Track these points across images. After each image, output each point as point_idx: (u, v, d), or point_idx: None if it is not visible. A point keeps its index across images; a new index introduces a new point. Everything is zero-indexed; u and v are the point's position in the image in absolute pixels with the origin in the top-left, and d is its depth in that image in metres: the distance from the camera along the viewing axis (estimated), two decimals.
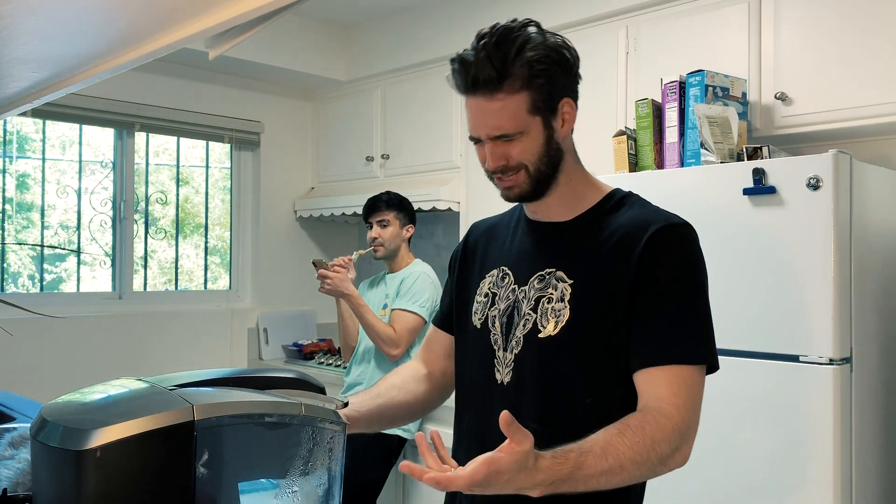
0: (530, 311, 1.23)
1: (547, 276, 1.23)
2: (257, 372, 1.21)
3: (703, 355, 1.16)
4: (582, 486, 1.02)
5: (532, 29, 1.18)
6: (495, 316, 1.28)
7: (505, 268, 1.30)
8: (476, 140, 1.22)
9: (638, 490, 1.24)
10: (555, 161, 1.22)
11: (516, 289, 1.26)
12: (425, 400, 1.41)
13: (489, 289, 1.31)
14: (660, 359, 1.13)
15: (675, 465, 1.10)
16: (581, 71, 1.25)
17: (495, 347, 1.27)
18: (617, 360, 1.17)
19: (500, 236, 1.37)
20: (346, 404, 1.20)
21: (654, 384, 1.13)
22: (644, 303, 1.15)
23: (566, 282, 1.21)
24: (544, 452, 1.00)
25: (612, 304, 1.17)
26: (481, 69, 1.15)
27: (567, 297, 1.19)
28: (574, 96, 1.23)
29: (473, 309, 1.33)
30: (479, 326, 1.31)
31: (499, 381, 1.25)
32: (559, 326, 1.19)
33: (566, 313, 1.19)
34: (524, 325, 1.23)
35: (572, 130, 1.26)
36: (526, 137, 1.19)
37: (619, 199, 1.27)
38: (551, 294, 1.21)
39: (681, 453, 1.10)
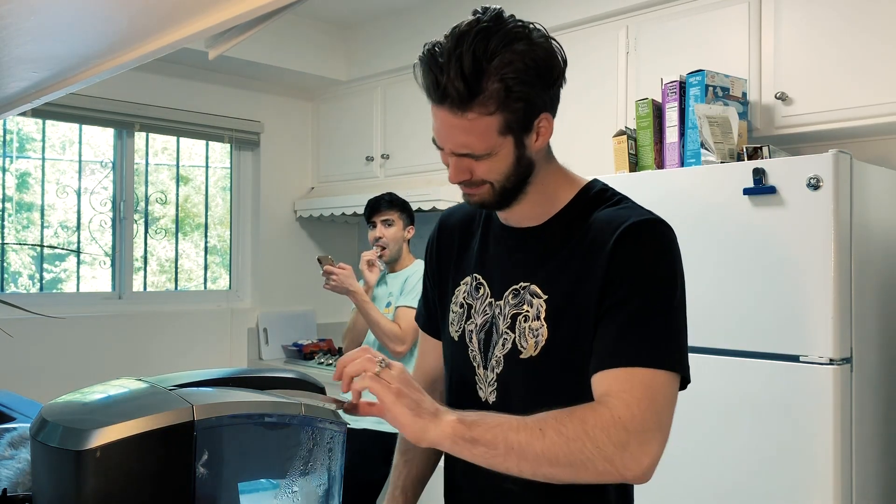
0: (507, 330, 1.16)
1: (521, 291, 1.16)
2: (257, 372, 1.21)
3: (665, 360, 1.02)
4: (500, 438, 0.96)
5: (517, 32, 1.03)
6: (472, 331, 1.21)
7: (479, 276, 1.23)
8: (440, 147, 1.13)
9: (619, 491, 1.18)
10: (523, 176, 1.12)
11: (493, 303, 1.19)
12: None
13: (464, 299, 1.24)
14: (614, 362, 1.02)
15: (626, 468, 0.96)
16: (581, 71, 1.18)
17: (475, 364, 1.21)
18: None
19: (472, 235, 1.28)
20: (344, 404, 1.19)
21: (617, 382, 1.01)
22: (607, 304, 1.06)
23: (541, 297, 1.13)
24: None
25: (586, 315, 1.09)
26: (452, 83, 1.01)
27: (543, 315, 1.12)
28: (554, 110, 1.11)
29: (450, 319, 1.26)
30: (455, 339, 1.25)
31: (483, 399, 1.20)
32: (539, 347, 1.12)
33: (544, 332, 1.12)
34: (503, 345, 1.16)
35: (550, 145, 1.17)
36: (494, 157, 1.08)
37: (591, 197, 1.17)
38: (527, 312, 1.14)
39: (631, 454, 0.96)
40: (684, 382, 1.06)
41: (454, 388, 1.27)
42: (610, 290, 1.07)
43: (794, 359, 1.91)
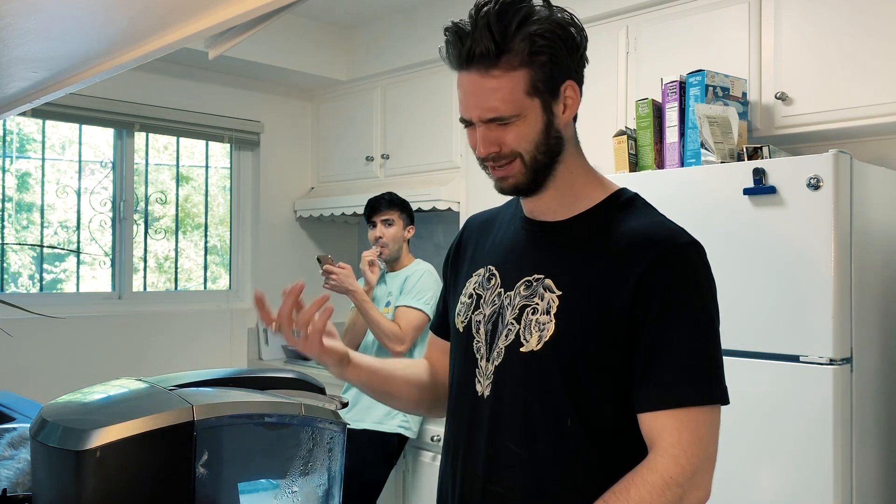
0: (514, 321, 1.14)
1: (534, 284, 1.13)
2: (257, 372, 1.21)
3: (710, 395, 1.06)
4: None
5: (538, 0, 1.08)
6: (479, 321, 1.19)
7: (492, 267, 1.21)
8: (467, 123, 1.12)
9: None
10: (554, 150, 1.12)
11: (502, 293, 1.17)
12: (426, 387, 1.34)
13: (474, 289, 1.22)
14: (662, 403, 1.05)
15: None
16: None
17: (477, 356, 1.18)
18: (606, 382, 1.08)
19: (493, 231, 1.27)
20: (345, 404, 1.19)
21: (657, 430, 1.05)
22: (647, 340, 1.06)
23: (554, 292, 1.11)
24: None
25: (603, 324, 1.07)
26: (478, 40, 1.05)
27: (553, 310, 1.10)
28: (579, 80, 1.12)
29: (457, 310, 1.24)
30: (461, 330, 1.22)
31: (479, 393, 1.17)
32: (542, 342, 1.10)
33: (551, 328, 1.09)
34: (507, 336, 1.14)
35: (576, 118, 1.17)
36: (522, 122, 1.08)
37: (622, 203, 1.16)
38: (537, 304, 1.12)
39: (689, 498, 1.03)
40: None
41: (454, 383, 1.25)
42: (646, 324, 1.07)
43: (794, 359, 1.91)
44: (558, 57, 1.08)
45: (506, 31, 1.05)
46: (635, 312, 1.07)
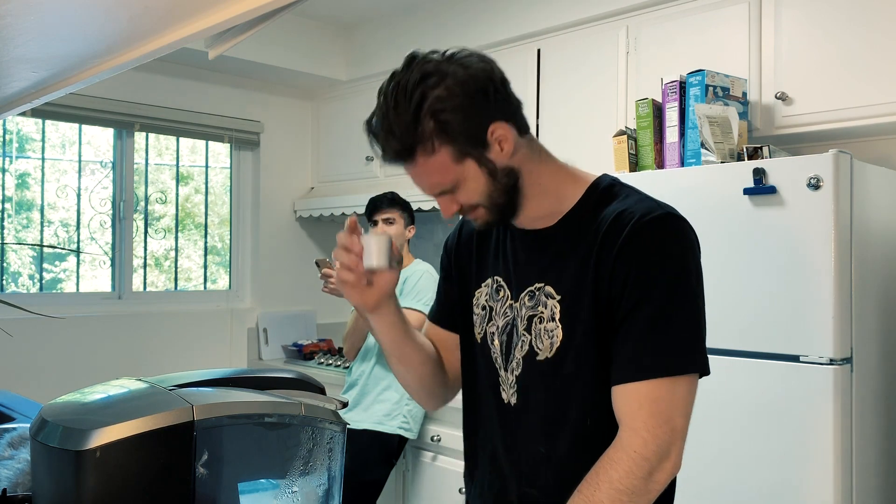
0: (525, 332, 1.18)
1: (536, 293, 1.17)
2: (257, 372, 1.21)
3: (682, 366, 1.07)
4: None
5: (426, 71, 1.07)
6: (494, 333, 1.23)
7: (499, 279, 1.25)
8: None
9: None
10: (509, 186, 1.14)
11: (513, 304, 1.21)
12: (438, 364, 1.33)
13: (486, 301, 1.26)
14: (632, 375, 1.06)
15: (661, 483, 1.05)
16: (581, 71, 1.18)
17: (497, 366, 1.23)
18: None
19: (490, 239, 1.30)
20: (345, 404, 1.20)
21: (619, 405, 1.07)
22: (622, 311, 1.08)
23: (555, 298, 1.15)
24: None
25: (601, 316, 1.10)
26: (387, 145, 1.11)
27: (557, 316, 1.14)
28: (505, 115, 1.11)
29: (473, 321, 1.28)
30: (479, 341, 1.27)
31: (505, 402, 1.22)
32: (554, 348, 1.14)
33: (559, 333, 1.13)
34: (521, 347, 1.18)
35: (525, 132, 1.16)
36: (466, 183, 1.12)
37: (600, 194, 1.18)
38: (542, 313, 1.16)
39: (660, 471, 1.04)
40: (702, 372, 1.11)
41: (479, 390, 1.28)
42: (621, 295, 1.08)
43: (794, 359, 1.91)
44: (470, 117, 1.08)
45: (407, 128, 1.07)
46: (613, 292, 1.09)
